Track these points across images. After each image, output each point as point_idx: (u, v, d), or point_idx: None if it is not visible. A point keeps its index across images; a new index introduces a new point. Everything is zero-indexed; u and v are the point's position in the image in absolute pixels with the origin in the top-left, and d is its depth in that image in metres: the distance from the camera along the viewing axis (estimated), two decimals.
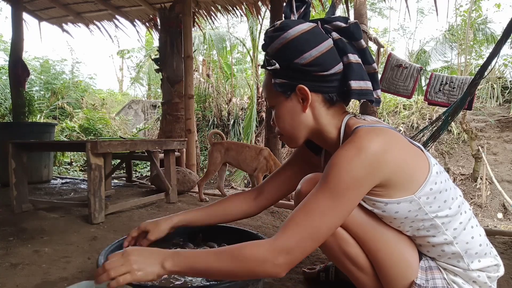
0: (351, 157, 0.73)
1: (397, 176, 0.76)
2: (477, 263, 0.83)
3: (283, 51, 0.81)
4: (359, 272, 0.87)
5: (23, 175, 2.30)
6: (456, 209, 0.81)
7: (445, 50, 10.29)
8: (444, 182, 0.81)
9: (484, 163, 6.70)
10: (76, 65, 11.46)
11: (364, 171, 0.72)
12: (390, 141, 0.76)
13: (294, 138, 0.90)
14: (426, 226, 0.81)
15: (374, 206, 0.81)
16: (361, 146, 0.73)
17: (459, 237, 0.82)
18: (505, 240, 1.88)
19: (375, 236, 0.84)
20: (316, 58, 0.79)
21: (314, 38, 0.80)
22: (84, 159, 7.17)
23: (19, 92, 4.15)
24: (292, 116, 0.86)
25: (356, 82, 0.80)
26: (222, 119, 10.25)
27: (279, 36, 0.81)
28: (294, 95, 0.84)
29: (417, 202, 0.78)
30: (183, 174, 3.10)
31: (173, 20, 3.88)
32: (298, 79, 0.82)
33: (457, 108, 3.15)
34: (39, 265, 1.37)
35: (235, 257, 0.75)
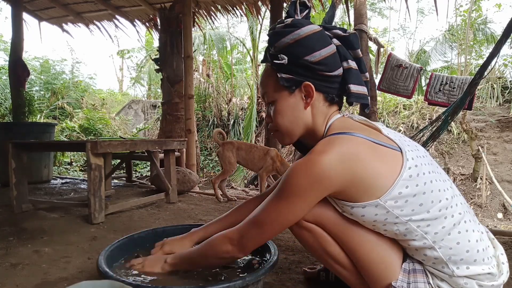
0: (301, 167, 0.78)
1: (354, 184, 0.78)
2: (464, 269, 0.80)
3: (295, 47, 0.83)
4: (342, 269, 0.90)
5: (23, 175, 2.30)
6: (436, 213, 0.79)
7: (445, 50, 10.30)
8: (422, 185, 0.78)
9: (484, 163, 6.71)
10: (76, 65, 11.46)
11: (307, 182, 0.77)
12: (344, 151, 0.77)
13: (290, 134, 0.92)
14: (401, 230, 0.81)
15: (343, 209, 0.84)
16: (311, 159, 0.78)
17: (442, 242, 0.80)
18: (505, 240, 1.88)
19: (353, 236, 0.86)
20: (324, 58, 0.83)
21: (323, 39, 0.85)
22: (84, 159, 7.17)
23: (19, 92, 4.15)
24: (292, 112, 0.89)
25: (355, 86, 0.86)
26: (222, 119, 10.25)
27: (291, 32, 0.84)
28: (298, 92, 0.87)
29: (383, 206, 0.78)
30: (183, 174, 3.10)
31: (173, 20, 3.88)
32: (305, 76, 0.85)
33: (457, 108, 3.15)
34: (39, 265, 1.37)
35: (206, 243, 0.98)
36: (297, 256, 1.53)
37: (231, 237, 0.90)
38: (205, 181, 8.90)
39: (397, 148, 0.82)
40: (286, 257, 1.51)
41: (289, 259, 1.50)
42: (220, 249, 0.92)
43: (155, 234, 1.37)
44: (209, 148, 10.01)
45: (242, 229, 0.89)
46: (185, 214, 2.34)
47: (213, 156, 9.79)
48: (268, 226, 0.85)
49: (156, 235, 1.37)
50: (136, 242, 1.30)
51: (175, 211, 2.44)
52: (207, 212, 2.42)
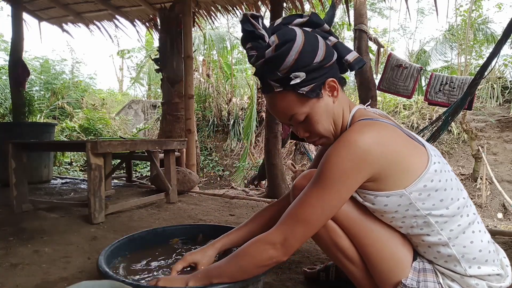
0: (340, 150, 0.77)
1: (387, 170, 0.78)
2: (476, 269, 0.81)
3: (302, 59, 0.79)
4: (350, 264, 0.89)
5: (23, 175, 2.30)
6: (455, 211, 0.80)
7: (445, 50, 10.30)
8: (444, 181, 0.80)
9: (484, 163, 6.71)
10: (76, 65, 11.47)
11: (352, 164, 0.75)
12: (382, 135, 0.78)
13: (334, 132, 0.90)
14: (419, 223, 0.81)
15: (365, 198, 0.84)
16: (351, 139, 0.76)
17: (456, 240, 0.80)
18: (505, 240, 1.88)
19: (365, 231, 0.85)
20: (325, 51, 0.83)
21: (312, 36, 0.83)
22: (84, 159, 7.17)
23: (19, 92, 4.14)
24: (327, 113, 0.87)
25: (349, 55, 0.88)
26: (222, 119, 10.25)
27: (290, 48, 0.78)
28: (324, 92, 0.86)
29: (407, 197, 0.78)
30: (183, 174, 3.10)
31: (173, 20, 3.88)
32: (321, 76, 0.84)
33: (457, 108, 3.16)
34: (39, 265, 1.37)
35: (241, 255, 0.86)
36: (297, 256, 1.53)
37: (272, 241, 0.81)
38: (205, 181, 8.91)
39: (421, 143, 0.84)
40: None
41: (289, 259, 1.49)
42: (262, 256, 0.82)
43: (155, 234, 1.37)
44: (209, 148, 10.01)
45: (284, 229, 0.81)
46: (185, 214, 2.34)
47: (213, 156, 9.79)
48: (315, 220, 0.79)
49: (156, 235, 1.37)
50: (136, 242, 1.30)
51: (175, 211, 2.44)
52: (207, 212, 2.42)
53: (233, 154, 9.66)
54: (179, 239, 1.38)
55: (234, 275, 0.86)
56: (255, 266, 0.84)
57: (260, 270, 0.86)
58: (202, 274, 0.88)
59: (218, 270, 0.87)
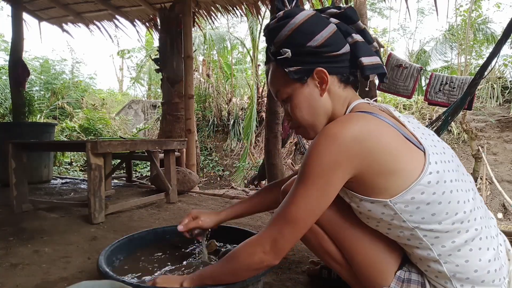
0: (321, 144, 0.72)
1: (369, 170, 0.72)
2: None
3: (294, 37, 0.80)
4: (338, 266, 0.90)
5: (23, 175, 2.30)
6: (449, 227, 0.73)
7: (445, 50, 10.30)
8: (440, 194, 0.71)
9: (484, 163, 6.71)
10: (76, 65, 11.47)
11: (330, 158, 0.70)
12: (366, 130, 0.71)
13: (314, 126, 0.86)
14: (406, 234, 0.77)
15: (352, 199, 0.81)
16: (330, 132, 0.72)
17: (449, 258, 0.74)
18: None
19: (348, 236, 0.85)
20: (327, 39, 0.79)
21: (321, 21, 0.81)
22: (84, 159, 7.17)
23: (19, 92, 4.14)
24: (310, 103, 0.84)
25: (367, 58, 0.81)
26: (222, 119, 10.25)
27: (287, 23, 0.80)
28: (310, 80, 0.83)
29: (391, 207, 0.73)
30: (183, 174, 3.10)
31: (173, 20, 3.88)
32: (313, 63, 0.81)
33: (457, 108, 3.16)
34: (39, 265, 1.37)
35: (231, 258, 0.85)
36: (297, 256, 1.53)
37: (261, 245, 0.79)
38: (205, 181, 8.91)
39: (421, 147, 0.75)
40: (286, 257, 1.51)
41: (289, 259, 1.50)
42: (252, 261, 0.80)
43: (155, 234, 1.37)
44: (209, 148, 10.01)
45: (273, 232, 0.78)
46: (185, 214, 2.33)
47: (213, 156, 9.79)
48: (301, 220, 0.75)
49: (156, 235, 1.37)
50: (136, 242, 1.30)
51: (175, 211, 2.44)
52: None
53: (233, 154, 9.66)
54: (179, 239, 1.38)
55: (226, 278, 0.85)
56: (246, 270, 0.83)
57: (252, 273, 0.84)
58: (197, 275, 0.89)
59: (211, 273, 0.87)
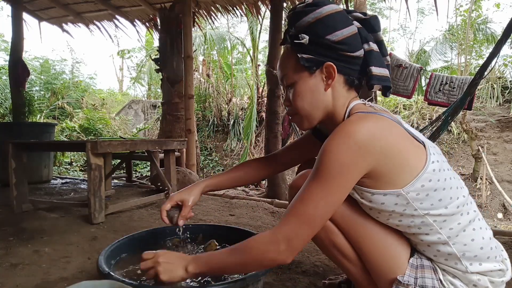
0: (339, 143, 0.74)
1: (384, 165, 0.76)
2: (477, 266, 0.80)
3: (316, 26, 0.81)
4: (347, 263, 0.89)
5: (23, 175, 2.30)
6: (454, 210, 0.79)
7: (445, 50, 10.29)
8: (443, 181, 0.79)
9: (484, 163, 6.71)
10: (76, 65, 11.47)
11: (351, 156, 0.73)
12: (381, 129, 0.76)
13: (309, 117, 0.89)
14: (417, 223, 0.80)
15: (362, 195, 0.83)
16: (349, 131, 0.75)
17: (456, 238, 0.80)
18: (505, 240, 1.88)
19: (360, 229, 0.86)
20: (346, 38, 0.81)
21: (345, 19, 0.83)
22: (84, 159, 7.17)
23: (19, 92, 4.14)
24: (313, 94, 0.86)
25: (377, 68, 0.84)
26: (222, 119, 10.25)
27: (313, 11, 0.82)
28: (319, 72, 0.84)
29: (404, 197, 0.77)
30: (183, 174, 3.10)
31: (173, 20, 3.88)
32: (326, 56, 0.83)
33: (457, 108, 3.16)
34: (39, 265, 1.38)
35: (243, 250, 0.83)
36: (297, 256, 1.53)
37: (276, 243, 0.78)
38: None
39: (420, 141, 0.82)
40: None
41: None
42: (265, 258, 0.79)
43: (155, 234, 1.37)
44: (209, 148, 10.01)
45: (288, 231, 0.77)
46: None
47: (213, 156, 9.79)
48: (319, 218, 0.77)
49: (156, 235, 1.37)
50: (136, 242, 1.30)
51: None
52: (207, 212, 2.42)
53: (233, 154, 9.66)
54: (179, 239, 1.38)
55: (235, 269, 0.85)
56: (257, 265, 0.83)
57: (262, 268, 0.86)
58: (203, 261, 0.86)
59: (219, 261, 0.85)
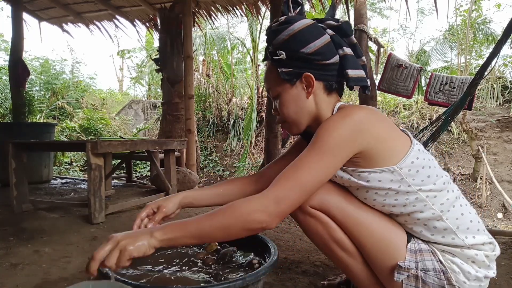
0: (337, 121, 0.83)
1: (378, 145, 0.83)
2: (471, 238, 0.85)
3: (290, 42, 0.89)
4: (348, 257, 0.91)
5: (23, 175, 2.30)
6: (442, 186, 0.86)
7: (445, 50, 10.29)
8: (428, 160, 0.87)
9: (484, 163, 6.71)
10: (76, 65, 11.47)
11: (349, 131, 0.81)
12: (372, 114, 0.85)
13: (297, 123, 0.96)
14: (411, 200, 0.85)
15: (359, 177, 0.87)
16: (346, 114, 0.84)
17: (448, 213, 0.86)
18: (505, 240, 1.88)
19: (357, 220, 0.89)
20: (319, 48, 0.88)
21: (317, 31, 0.90)
22: (84, 159, 7.17)
23: (19, 92, 4.14)
24: (296, 103, 0.94)
25: (353, 70, 0.91)
26: (222, 119, 10.25)
27: (286, 29, 0.89)
28: (299, 83, 0.92)
29: (398, 172, 0.84)
30: (183, 174, 3.10)
31: (173, 20, 3.88)
32: (303, 68, 0.90)
33: (457, 108, 3.15)
34: (39, 265, 1.38)
35: (226, 210, 0.79)
36: (297, 256, 1.53)
37: (264, 203, 0.77)
38: (205, 181, 8.90)
39: (402, 130, 0.92)
40: (286, 257, 1.51)
41: (289, 259, 1.50)
42: (251, 218, 0.76)
43: None
44: (209, 148, 10.01)
45: (279, 192, 0.78)
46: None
47: (213, 156, 9.79)
48: (309, 184, 0.80)
49: None
50: None
51: None
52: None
53: (233, 154, 9.66)
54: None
55: (214, 232, 0.78)
56: (240, 227, 0.78)
57: (245, 233, 0.79)
58: (175, 225, 0.79)
59: (197, 223, 0.79)
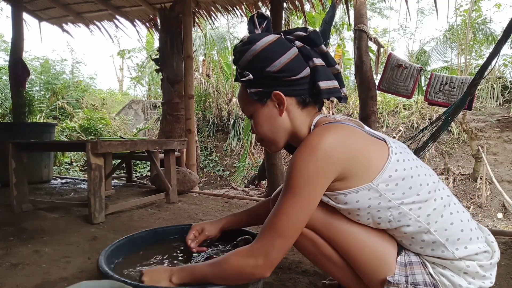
0: (304, 156, 0.79)
1: (351, 168, 0.80)
2: (463, 249, 0.81)
3: (254, 62, 0.88)
4: (338, 270, 0.89)
5: (23, 175, 2.30)
6: (426, 196, 0.82)
7: (445, 50, 10.30)
8: (409, 169, 0.82)
9: (484, 163, 6.71)
10: (76, 65, 11.48)
11: (315, 166, 0.78)
12: (342, 136, 0.81)
13: (274, 142, 0.95)
14: (395, 215, 0.82)
15: (336, 200, 0.85)
16: (312, 143, 0.80)
17: (436, 225, 0.81)
18: (505, 240, 1.88)
19: (345, 236, 0.86)
20: (285, 65, 0.86)
21: (281, 47, 0.87)
22: (84, 159, 7.17)
23: (19, 92, 4.14)
24: (270, 121, 0.92)
25: (324, 82, 0.87)
26: (222, 119, 10.25)
27: (249, 49, 0.88)
28: (270, 101, 0.90)
29: (375, 189, 0.80)
30: (183, 174, 3.10)
31: (173, 20, 3.88)
32: (272, 86, 0.88)
33: (457, 108, 3.15)
34: (39, 265, 1.38)
35: (223, 264, 0.86)
36: (297, 256, 1.53)
37: (254, 257, 0.82)
38: (205, 181, 8.91)
39: (381, 138, 0.88)
40: (286, 257, 1.51)
41: (289, 259, 1.50)
42: (244, 272, 0.83)
43: (155, 234, 1.37)
44: (209, 148, 10.01)
45: (264, 244, 0.82)
46: (185, 214, 2.34)
47: (213, 156, 9.79)
48: (291, 229, 0.81)
49: (156, 235, 1.37)
50: (136, 242, 1.30)
51: (175, 211, 2.44)
52: (207, 212, 2.42)
53: (233, 154, 9.66)
54: None
55: (217, 281, 0.88)
56: (236, 279, 0.86)
57: (242, 282, 0.88)
58: (187, 272, 0.90)
59: (202, 273, 0.89)
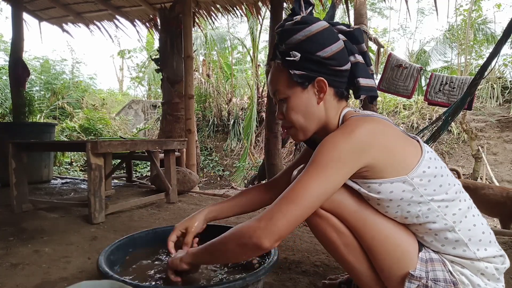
0: (338, 137, 0.79)
1: (385, 159, 0.80)
2: (483, 251, 0.82)
3: (307, 43, 0.85)
4: (356, 262, 0.88)
5: (23, 175, 2.30)
6: (454, 195, 0.83)
7: (445, 50, 10.29)
8: (439, 168, 0.83)
9: (484, 163, 6.71)
10: (76, 65, 11.47)
11: (349, 147, 0.77)
12: (378, 127, 0.82)
13: (304, 130, 0.92)
14: (424, 211, 0.82)
15: (369, 189, 0.84)
16: (349, 131, 0.79)
17: (461, 224, 0.82)
18: (505, 240, 1.88)
19: (369, 225, 0.85)
20: (335, 53, 0.85)
21: (332, 36, 0.87)
22: (84, 159, 7.17)
23: (19, 92, 4.14)
24: (306, 108, 0.90)
25: (364, 79, 0.89)
26: (222, 119, 10.25)
27: (303, 29, 0.85)
28: (311, 87, 0.89)
29: (410, 182, 0.80)
30: (183, 174, 3.10)
31: (173, 20, 3.89)
32: (317, 72, 0.87)
33: (457, 108, 3.15)
34: (39, 265, 1.38)
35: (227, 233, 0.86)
36: (297, 256, 1.53)
37: (258, 219, 0.79)
38: (205, 181, 8.90)
39: (413, 137, 0.89)
40: (286, 257, 1.51)
41: (289, 259, 1.50)
42: (244, 235, 0.80)
43: (155, 234, 1.37)
44: (209, 148, 10.01)
45: (272, 209, 0.78)
46: (185, 214, 2.34)
47: (213, 156, 9.79)
48: (305, 200, 0.76)
49: (156, 235, 1.37)
50: (136, 242, 1.30)
51: (175, 211, 2.44)
52: None
53: (233, 154, 9.66)
54: None
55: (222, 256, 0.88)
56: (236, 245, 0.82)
57: (241, 250, 0.82)
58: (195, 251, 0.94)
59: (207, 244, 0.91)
